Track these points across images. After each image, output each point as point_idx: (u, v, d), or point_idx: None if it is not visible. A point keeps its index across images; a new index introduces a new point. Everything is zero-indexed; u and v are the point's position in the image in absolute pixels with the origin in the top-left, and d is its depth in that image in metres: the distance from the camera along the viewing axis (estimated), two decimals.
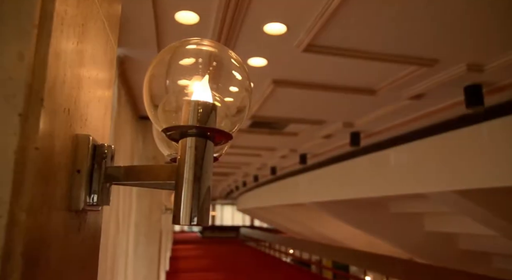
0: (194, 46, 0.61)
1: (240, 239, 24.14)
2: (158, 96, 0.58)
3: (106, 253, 2.37)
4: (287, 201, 9.73)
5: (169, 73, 0.58)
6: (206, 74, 0.59)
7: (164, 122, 0.58)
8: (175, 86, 0.59)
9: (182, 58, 0.60)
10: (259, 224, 29.43)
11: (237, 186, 14.24)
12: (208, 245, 19.76)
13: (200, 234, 27.68)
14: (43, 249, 0.45)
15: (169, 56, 0.59)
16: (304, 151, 6.71)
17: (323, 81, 3.32)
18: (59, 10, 0.47)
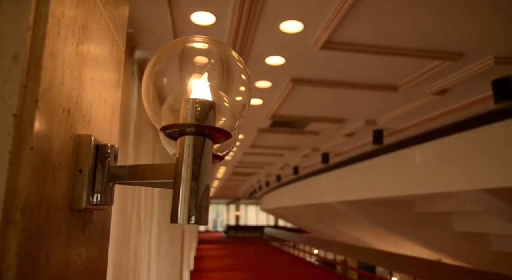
0: (192, 43, 0.61)
1: (264, 239, 24.15)
2: (157, 94, 0.57)
3: (128, 253, 2.41)
4: (310, 201, 9.64)
5: (168, 71, 0.58)
6: (204, 71, 0.58)
7: (164, 121, 0.58)
8: (174, 84, 0.59)
9: (180, 57, 0.60)
10: (283, 224, 29.36)
11: (260, 186, 14.25)
12: (232, 245, 19.88)
13: (224, 234, 27.89)
14: (42, 248, 0.46)
15: (167, 54, 0.59)
16: (326, 150, 6.63)
17: (342, 79, 3.27)
18: (54, 12, 0.48)
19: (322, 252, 12.61)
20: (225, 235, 27.35)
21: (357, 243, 10.43)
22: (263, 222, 32.49)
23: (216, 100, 0.59)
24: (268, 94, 3.72)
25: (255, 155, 7.53)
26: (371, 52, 2.71)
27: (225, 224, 32.26)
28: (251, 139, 5.95)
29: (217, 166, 9.27)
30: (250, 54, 2.82)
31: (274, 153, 7.31)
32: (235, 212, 34.89)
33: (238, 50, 2.72)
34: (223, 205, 35.25)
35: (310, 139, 5.82)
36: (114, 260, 1.95)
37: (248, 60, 2.93)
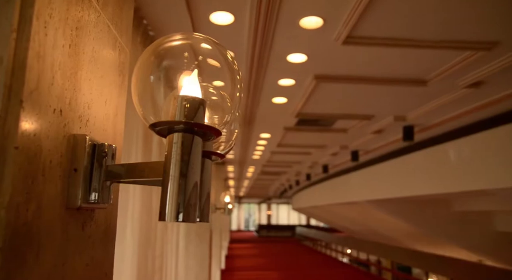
0: (181, 41, 0.61)
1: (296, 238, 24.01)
2: (147, 91, 0.57)
3: (154, 253, 2.46)
4: (341, 200, 9.48)
5: (157, 68, 0.58)
6: (194, 68, 0.58)
7: (154, 118, 0.58)
8: (163, 81, 0.58)
9: (170, 54, 0.59)
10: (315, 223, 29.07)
11: (291, 185, 14.18)
12: (264, 244, 19.91)
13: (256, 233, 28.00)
14: (31, 245, 0.47)
15: (157, 52, 0.58)
16: (355, 148, 6.50)
17: (367, 74, 3.18)
18: (40, 14, 0.49)
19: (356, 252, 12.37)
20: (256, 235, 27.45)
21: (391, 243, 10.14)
22: (295, 221, 32.32)
23: (206, 97, 0.59)
24: (292, 92, 3.69)
25: (283, 154, 7.49)
26: (396, 46, 2.62)
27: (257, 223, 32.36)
28: (278, 138, 5.92)
29: (246, 165, 9.31)
30: (271, 52, 2.80)
31: (302, 152, 7.24)
32: (266, 212, 34.93)
33: (259, 48, 2.72)
34: (255, 205, 35.38)
35: (338, 137, 5.72)
36: (138, 260, 2.00)
37: (269, 58, 2.91)
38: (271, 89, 3.63)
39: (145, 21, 2.25)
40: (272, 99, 3.97)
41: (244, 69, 3.10)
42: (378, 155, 6.89)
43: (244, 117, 4.68)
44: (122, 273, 1.77)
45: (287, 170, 10.41)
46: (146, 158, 2.19)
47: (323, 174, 9.30)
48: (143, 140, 2.12)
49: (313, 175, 10.66)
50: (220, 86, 0.61)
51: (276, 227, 28.94)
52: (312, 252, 16.35)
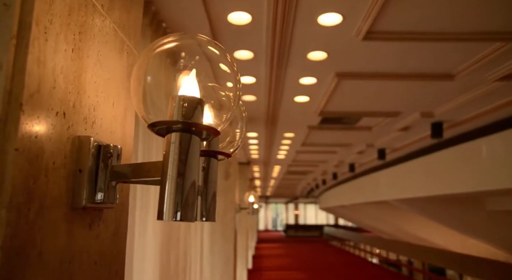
0: (179, 41, 0.61)
1: (324, 238, 23.77)
2: (147, 92, 0.58)
3: (177, 253, 2.50)
4: (368, 199, 9.30)
5: (156, 69, 0.59)
6: (193, 68, 0.58)
7: (154, 118, 0.58)
8: (162, 82, 0.59)
9: (168, 54, 0.60)
10: (343, 223, 28.68)
11: (317, 184, 14.05)
12: (292, 244, 19.83)
13: (284, 233, 27.93)
14: (34, 243, 0.49)
15: (155, 52, 0.59)
16: (381, 146, 6.35)
17: (390, 70, 3.10)
18: (40, 20, 0.50)
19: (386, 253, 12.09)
20: (284, 234, 27.38)
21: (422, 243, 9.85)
22: (323, 221, 32.01)
23: (205, 96, 0.59)
24: (314, 91, 3.65)
25: (308, 153, 7.43)
26: (419, 40, 2.54)
27: (284, 223, 32.28)
28: (302, 137, 5.88)
29: (271, 165, 9.30)
30: (291, 50, 2.78)
31: (327, 151, 7.16)
32: (294, 211, 34.79)
33: (278, 47, 2.70)
34: (282, 204, 35.31)
35: (363, 135, 5.61)
36: (160, 259, 2.03)
37: (289, 57, 2.89)
38: (293, 88, 3.61)
39: (164, 24, 2.29)
40: (294, 98, 3.94)
41: (264, 69, 3.10)
42: (406, 153, 6.70)
43: (267, 117, 4.68)
44: (144, 272, 1.80)
45: (313, 169, 10.31)
46: None
47: (350, 173, 9.15)
48: (163, 140, 2.15)
49: (340, 174, 10.51)
50: (219, 86, 0.61)
51: (303, 227, 28.75)
52: (340, 252, 16.14)
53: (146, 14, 2.02)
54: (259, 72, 3.19)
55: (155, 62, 0.58)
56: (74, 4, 0.59)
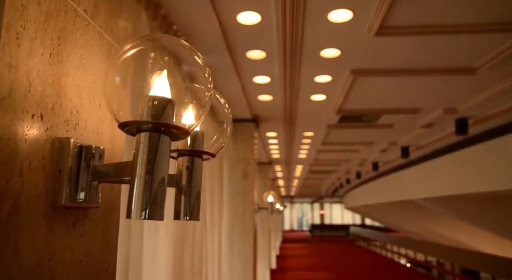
0: (150, 42, 0.62)
1: (350, 238, 23.42)
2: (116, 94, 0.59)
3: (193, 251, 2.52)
4: (394, 198, 9.09)
5: (128, 69, 0.60)
6: (164, 69, 0.59)
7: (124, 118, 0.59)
8: (135, 82, 0.60)
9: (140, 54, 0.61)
10: (370, 223, 28.16)
11: (341, 183, 13.86)
12: (317, 244, 19.66)
13: (309, 233, 27.73)
14: (7, 241, 0.51)
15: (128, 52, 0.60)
16: (405, 144, 6.19)
17: (408, 65, 3.02)
18: (11, 26, 0.52)
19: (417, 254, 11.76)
20: (309, 234, 27.19)
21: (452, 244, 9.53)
22: (349, 221, 31.55)
23: (176, 96, 0.59)
24: (329, 89, 3.60)
25: (329, 152, 7.34)
26: (436, 33, 2.46)
27: (310, 223, 32.05)
28: (322, 136, 5.81)
29: (292, 164, 9.26)
30: (303, 49, 2.76)
31: (349, 149, 7.05)
32: (319, 211, 34.48)
33: (290, 46, 2.69)
34: (307, 204, 35.07)
35: (385, 133, 5.49)
36: (173, 262, 2.05)
37: (302, 55, 2.86)
38: (308, 86, 3.58)
39: (175, 27, 2.32)
40: (311, 97, 3.91)
41: (278, 68, 3.09)
42: (431, 150, 6.51)
43: (285, 116, 4.66)
44: (156, 270, 1.83)
45: (336, 169, 10.18)
46: None
47: (374, 172, 8.98)
48: None
49: (364, 173, 10.33)
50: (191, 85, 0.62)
51: (329, 227, 28.46)
52: (366, 253, 15.86)
53: (156, 17, 2.06)
54: (273, 71, 3.18)
55: (124, 64, 0.59)
56: (52, 10, 0.61)
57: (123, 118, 0.58)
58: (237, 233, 4.19)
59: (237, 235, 4.18)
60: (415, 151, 6.54)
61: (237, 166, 4.45)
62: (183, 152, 0.74)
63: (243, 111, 4.29)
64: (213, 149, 0.79)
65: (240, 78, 3.29)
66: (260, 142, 6.15)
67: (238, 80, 3.31)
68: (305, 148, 6.98)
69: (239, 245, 4.17)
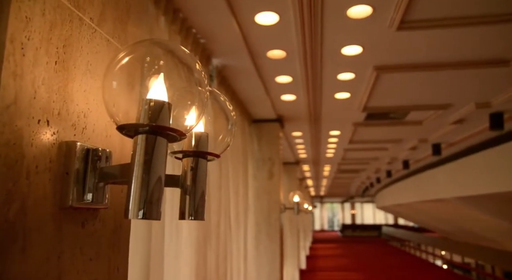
0: (148, 46, 0.63)
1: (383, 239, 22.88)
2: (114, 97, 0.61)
3: (217, 251, 2.56)
4: (426, 197, 8.79)
5: (125, 72, 0.62)
6: (160, 72, 0.60)
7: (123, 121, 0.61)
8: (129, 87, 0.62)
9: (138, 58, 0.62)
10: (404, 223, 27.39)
11: (371, 182, 13.57)
12: (348, 244, 19.34)
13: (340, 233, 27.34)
14: (15, 239, 0.54)
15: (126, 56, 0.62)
16: (436, 141, 5.98)
17: (434, 60, 2.92)
18: (15, 38, 0.55)
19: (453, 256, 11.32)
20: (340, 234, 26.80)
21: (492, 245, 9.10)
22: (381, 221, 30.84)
23: (174, 98, 0.61)
24: (353, 86, 3.54)
25: (357, 150, 7.20)
26: (462, 25, 2.36)
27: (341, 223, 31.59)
28: (348, 135, 5.72)
29: (320, 164, 9.16)
30: (323, 47, 2.73)
31: (377, 148, 6.88)
32: (350, 211, 33.92)
33: (310, 44, 2.66)
34: (338, 204, 34.59)
35: (414, 130, 5.32)
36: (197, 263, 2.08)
37: (323, 53, 2.83)
38: (331, 84, 3.53)
39: (194, 30, 2.36)
40: (335, 95, 3.85)
41: (299, 67, 3.07)
42: (465, 147, 6.25)
43: (309, 115, 4.62)
44: (179, 271, 1.87)
45: (365, 167, 9.98)
46: None
47: (404, 170, 8.73)
48: None
49: (394, 172, 10.06)
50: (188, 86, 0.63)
51: (361, 227, 27.94)
52: (400, 253, 15.44)
53: (174, 21, 2.10)
54: (294, 70, 3.17)
55: (121, 69, 0.61)
56: (57, 20, 0.64)
57: (121, 121, 0.60)
58: (263, 233, 4.20)
59: (263, 235, 4.19)
60: (447, 148, 6.30)
61: (262, 167, 4.46)
62: (188, 153, 0.75)
63: (267, 112, 4.29)
64: (219, 149, 0.80)
65: (262, 78, 3.30)
66: (286, 142, 6.13)
67: (260, 80, 3.32)
68: (332, 147, 6.89)
69: (266, 245, 4.17)
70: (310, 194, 17.50)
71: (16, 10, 0.56)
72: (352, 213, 33.63)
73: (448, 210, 8.67)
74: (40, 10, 0.61)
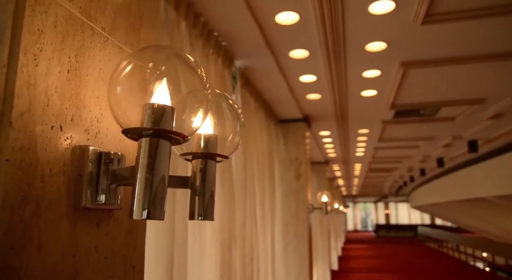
0: (150, 52, 0.65)
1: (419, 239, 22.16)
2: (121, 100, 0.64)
3: (243, 255, 2.58)
4: (462, 196, 8.44)
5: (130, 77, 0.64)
6: (163, 77, 0.62)
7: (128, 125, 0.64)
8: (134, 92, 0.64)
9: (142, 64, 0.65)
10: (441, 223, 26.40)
11: (405, 181, 13.18)
12: (382, 245, 18.88)
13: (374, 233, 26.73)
14: (31, 238, 0.57)
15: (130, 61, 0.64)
16: (471, 137, 5.73)
17: (463, 53, 2.80)
18: (28, 49, 0.59)
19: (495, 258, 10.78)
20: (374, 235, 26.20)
21: None
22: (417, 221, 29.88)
23: (177, 102, 0.63)
24: (379, 83, 3.46)
25: (387, 149, 7.02)
26: (490, 15, 2.25)
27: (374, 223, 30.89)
28: (378, 133, 5.59)
29: (350, 163, 9.01)
30: (346, 44, 2.69)
31: (409, 145, 6.68)
32: (384, 211, 33.09)
33: (332, 42, 2.63)
34: (371, 204, 33.85)
35: (446, 126, 5.12)
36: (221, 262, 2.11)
37: (346, 51, 2.79)
38: (357, 82, 3.47)
39: (215, 33, 2.40)
40: (361, 93, 3.79)
41: (323, 65, 3.04)
42: (503, 143, 5.95)
43: (336, 114, 4.56)
44: (203, 271, 1.90)
45: (398, 166, 9.71)
46: None
47: (439, 168, 8.42)
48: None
49: (428, 170, 9.73)
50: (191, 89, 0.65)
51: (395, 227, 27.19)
52: (437, 255, 14.89)
53: (196, 25, 2.14)
54: (318, 69, 3.14)
55: (125, 75, 0.64)
56: (68, 31, 0.68)
57: (126, 125, 0.63)
58: (291, 234, 4.18)
59: (291, 236, 4.18)
60: (484, 145, 6.03)
61: (289, 167, 4.45)
62: (197, 155, 0.77)
63: (293, 111, 4.28)
64: (229, 150, 0.82)
65: (286, 78, 3.29)
66: (313, 141, 6.08)
67: (284, 80, 3.31)
68: (361, 146, 6.76)
69: (294, 246, 4.16)
70: (341, 193, 17.24)
71: (28, 24, 0.60)
72: (386, 213, 32.80)
73: (488, 209, 8.28)
74: (52, 22, 0.64)
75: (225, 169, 2.31)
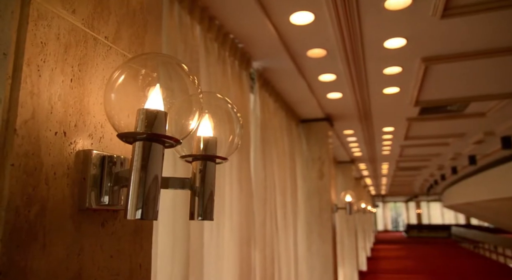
0: (144, 59, 0.68)
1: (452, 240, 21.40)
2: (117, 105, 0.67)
3: (264, 256, 2.59)
4: (497, 195, 8.08)
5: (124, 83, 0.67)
6: (156, 83, 0.65)
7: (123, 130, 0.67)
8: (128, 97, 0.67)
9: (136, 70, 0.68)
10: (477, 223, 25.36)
11: (436, 180, 12.77)
12: (413, 245, 18.36)
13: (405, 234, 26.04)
14: (36, 238, 0.62)
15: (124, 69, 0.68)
16: (504, 133, 5.49)
17: (488, 46, 2.69)
18: (32, 61, 0.64)
19: None
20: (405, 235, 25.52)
21: None
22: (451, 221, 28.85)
23: (169, 108, 0.65)
24: (402, 80, 3.38)
25: (414, 147, 6.84)
26: None
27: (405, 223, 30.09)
28: (403, 131, 5.45)
29: (377, 162, 8.83)
30: (364, 42, 2.65)
31: (437, 143, 6.47)
32: (415, 210, 32.17)
33: (349, 41, 2.60)
34: (401, 203, 33.00)
35: (477, 122, 4.93)
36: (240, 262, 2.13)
37: (364, 49, 2.75)
38: (378, 80, 3.41)
39: (231, 35, 2.43)
40: (383, 91, 3.72)
41: (341, 64, 3.01)
42: None
43: (359, 113, 4.49)
44: (221, 271, 1.93)
45: (427, 164, 9.43)
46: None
47: (471, 166, 8.10)
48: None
49: (460, 168, 9.39)
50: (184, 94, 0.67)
51: (428, 227, 26.35)
52: (472, 256, 14.31)
53: (211, 29, 2.18)
54: (337, 68, 3.11)
55: (120, 82, 0.67)
56: (71, 42, 0.72)
57: (122, 129, 0.66)
58: (315, 234, 4.16)
59: (315, 236, 4.15)
60: None
61: (312, 166, 4.43)
62: (197, 157, 0.79)
63: (314, 111, 4.26)
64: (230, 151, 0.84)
65: (305, 78, 3.29)
66: (337, 141, 6.01)
67: (304, 80, 3.31)
68: (387, 144, 6.62)
69: (318, 246, 4.13)
70: (369, 193, 16.91)
71: (31, 37, 0.64)
72: (418, 213, 31.87)
73: None
74: (55, 35, 0.69)
75: (242, 169, 2.34)
